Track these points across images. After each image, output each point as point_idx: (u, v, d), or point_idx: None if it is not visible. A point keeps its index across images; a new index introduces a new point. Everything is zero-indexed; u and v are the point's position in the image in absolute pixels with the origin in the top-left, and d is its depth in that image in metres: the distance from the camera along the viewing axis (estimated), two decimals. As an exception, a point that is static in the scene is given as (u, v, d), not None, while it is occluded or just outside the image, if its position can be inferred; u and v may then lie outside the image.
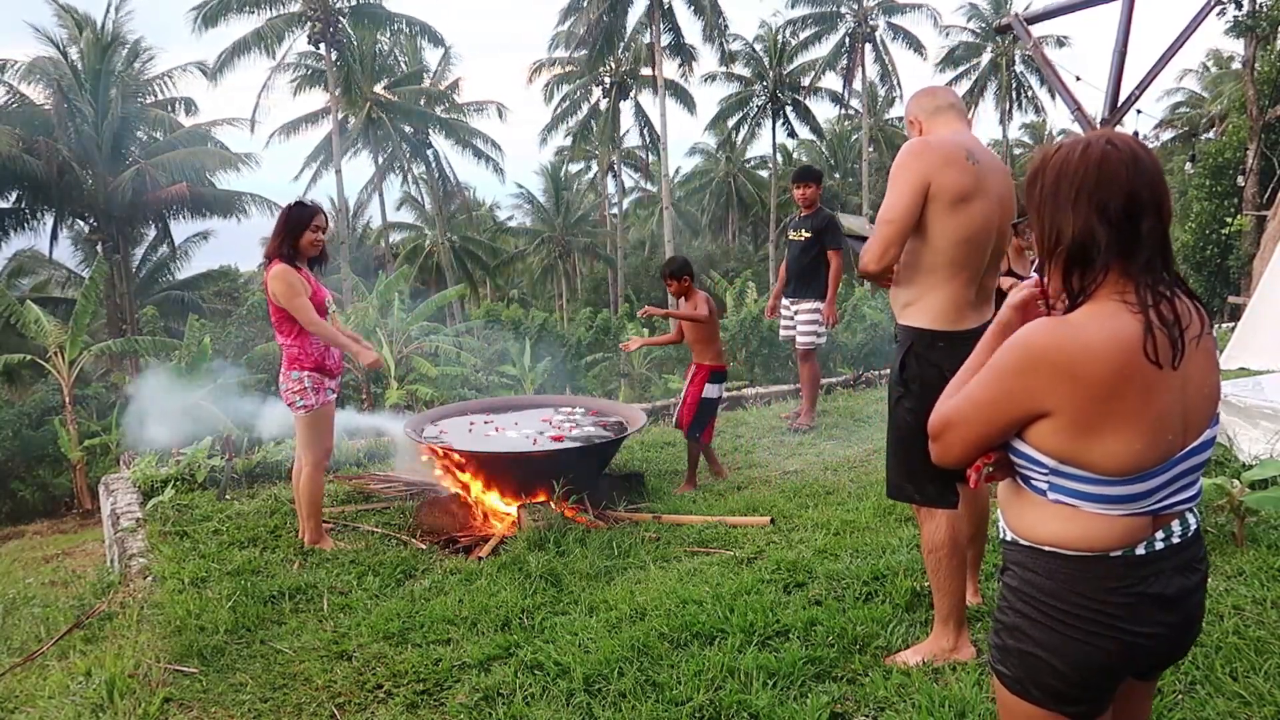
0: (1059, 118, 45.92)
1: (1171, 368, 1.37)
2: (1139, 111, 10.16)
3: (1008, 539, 1.55)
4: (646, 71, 33.37)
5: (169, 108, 27.08)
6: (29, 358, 19.09)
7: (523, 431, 5.33)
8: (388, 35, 30.15)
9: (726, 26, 30.72)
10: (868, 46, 36.16)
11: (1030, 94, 38.56)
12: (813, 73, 37.46)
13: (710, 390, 5.46)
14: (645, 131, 37.06)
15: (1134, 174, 1.39)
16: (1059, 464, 1.42)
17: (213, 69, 26.58)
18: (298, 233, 4.20)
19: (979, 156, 2.66)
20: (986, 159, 2.69)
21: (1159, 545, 1.45)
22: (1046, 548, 1.47)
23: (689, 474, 5.56)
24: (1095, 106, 11.08)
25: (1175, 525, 1.47)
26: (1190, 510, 1.50)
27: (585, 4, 30.77)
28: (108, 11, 24.69)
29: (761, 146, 42.69)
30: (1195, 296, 1.47)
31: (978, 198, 2.63)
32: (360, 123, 30.39)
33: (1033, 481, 1.48)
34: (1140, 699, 1.66)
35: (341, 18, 27.57)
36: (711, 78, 37.79)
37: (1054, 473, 1.43)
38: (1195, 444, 1.45)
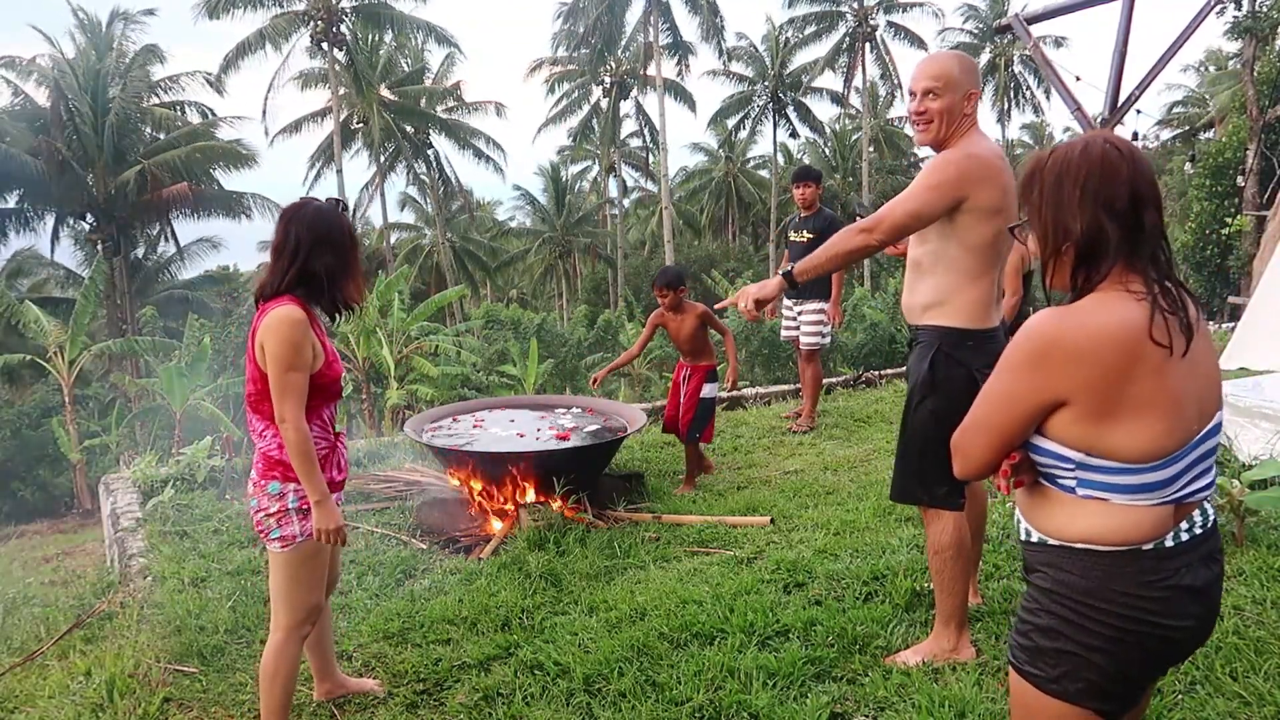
0: (1058, 117, 45.94)
1: (1181, 353, 1.40)
2: (1139, 111, 10.19)
3: (1034, 540, 1.55)
4: (646, 70, 33.36)
5: (179, 109, 27.03)
6: (29, 358, 19.10)
7: (512, 430, 5.33)
8: (393, 36, 30.07)
9: (724, 26, 30.72)
10: (868, 45, 36.15)
11: (1028, 94, 38.56)
12: (813, 72, 37.43)
13: (708, 390, 5.46)
14: (645, 130, 37.03)
15: (1135, 171, 1.44)
16: (1085, 457, 1.43)
17: (218, 70, 26.55)
18: (345, 264, 2.48)
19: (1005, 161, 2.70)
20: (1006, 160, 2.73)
21: (1184, 536, 1.48)
22: (1079, 545, 1.47)
23: (688, 475, 5.56)
24: (1095, 106, 11.09)
25: (1196, 516, 1.50)
26: (1207, 500, 1.52)
27: (584, 4, 30.75)
28: (113, 20, 24.70)
29: (763, 146, 42.74)
30: (1184, 288, 1.51)
31: (1010, 205, 2.65)
32: (368, 124, 30.35)
33: (1060, 480, 1.49)
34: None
35: (345, 17, 27.54)
36: (713, 74, 37.79)
37: (1081, 467, 1.45)
38: (1209, 428, 1.48)
